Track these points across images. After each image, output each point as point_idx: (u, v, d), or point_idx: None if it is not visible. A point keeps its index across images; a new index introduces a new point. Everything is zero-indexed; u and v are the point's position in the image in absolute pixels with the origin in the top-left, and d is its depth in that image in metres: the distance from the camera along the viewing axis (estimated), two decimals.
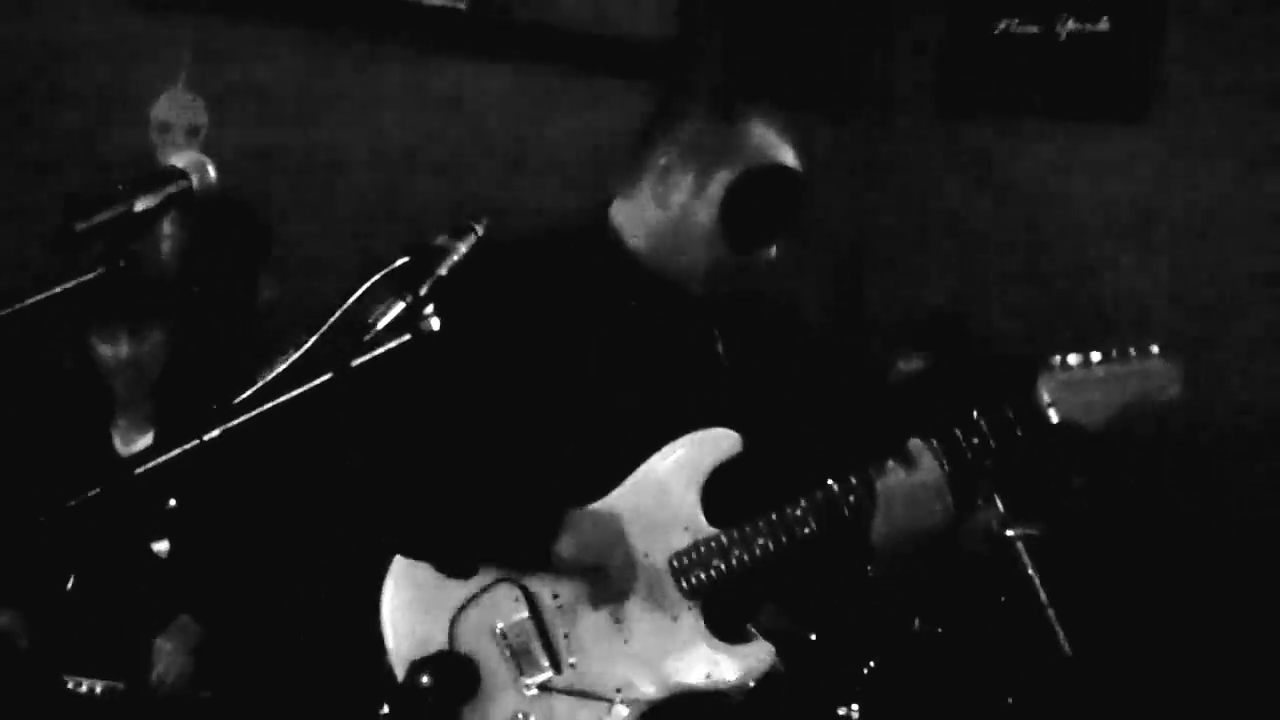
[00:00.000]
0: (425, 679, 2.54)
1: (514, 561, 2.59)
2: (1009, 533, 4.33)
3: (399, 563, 2.64)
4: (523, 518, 2.57)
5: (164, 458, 1.86)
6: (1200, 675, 5.04)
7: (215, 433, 1.88)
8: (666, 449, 2.61)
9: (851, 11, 6.20)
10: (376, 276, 2.11)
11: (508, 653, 2.58)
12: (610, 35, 5.86)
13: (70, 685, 3.84)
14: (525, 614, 2.58)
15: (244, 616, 4.06)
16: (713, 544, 2.58)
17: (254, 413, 1.92)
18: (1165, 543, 5.25)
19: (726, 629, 2.62)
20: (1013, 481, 4.33)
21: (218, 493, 3.89)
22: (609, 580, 2.57)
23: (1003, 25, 5.94)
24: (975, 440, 2.52)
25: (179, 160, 2.23)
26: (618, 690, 2.57)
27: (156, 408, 4.12)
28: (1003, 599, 4.44)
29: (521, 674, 2.58)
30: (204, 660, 3.98)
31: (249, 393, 1.94)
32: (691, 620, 2.59)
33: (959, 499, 2.56)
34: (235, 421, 1.91)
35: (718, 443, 2.62)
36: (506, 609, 2.58)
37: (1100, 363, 2.49)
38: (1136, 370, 2.49)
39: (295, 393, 1.95)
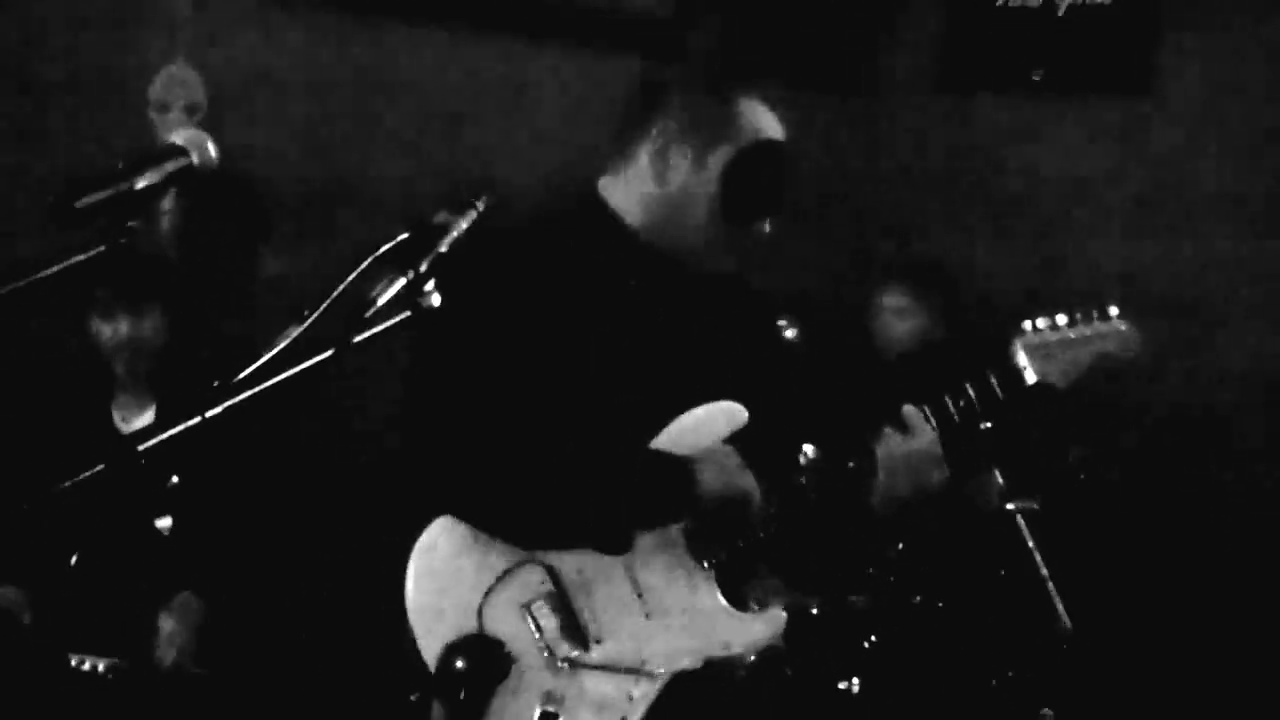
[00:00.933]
0: (460, 663, 2.53)
1: (540, 540, 2.60)
2: (1009, 506, 4.35)
3: (419, 551, 2.64)
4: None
5: (166, 435, 1.87)
6: (1198, 648, 5.06)
7: (217, 410, 1.89)
8: (676, 423, 2.64)
9: None
10: (377, 253, 2.11)
11: (536, 632, 2.59)
12: (609, 9, 5.84)
13: (74, 662, 3.85)
14: (552, 592, 2.59)
15: (245, 592, 4.07)
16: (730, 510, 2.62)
17: (256, 389, 1.92)
18: (1162, 516, 5.26)
19: (734, 598, 2.66)
20: (1011, 456, 4.34)
21: (220, 469, 3.90)
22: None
23: (1004, 0, 5.93)
24: (962, 404, 2.68)
25: (179, 138, 2.23)
26: (643, 662, 2.60)
27: (157, 385, 4.12)
28: (1002, 573, 4.45)
29: (550, 652, 2.59)
30: (206, 636, 3.99)
31: (251, 369, 1.94)
32: (708, 590, 2.63)
33: (954, 463, 2.69)
34: (237, 398, 1.91)
35: (727, 415, 2.67)
36: (533, 588, 2.60)
37: (1067, 326, 2.72)
38: (1100, 332, 2.73)
39: (297, 369, 1.95)
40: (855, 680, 4.25)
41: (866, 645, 4.29)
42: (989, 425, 4.23)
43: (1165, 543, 5.23)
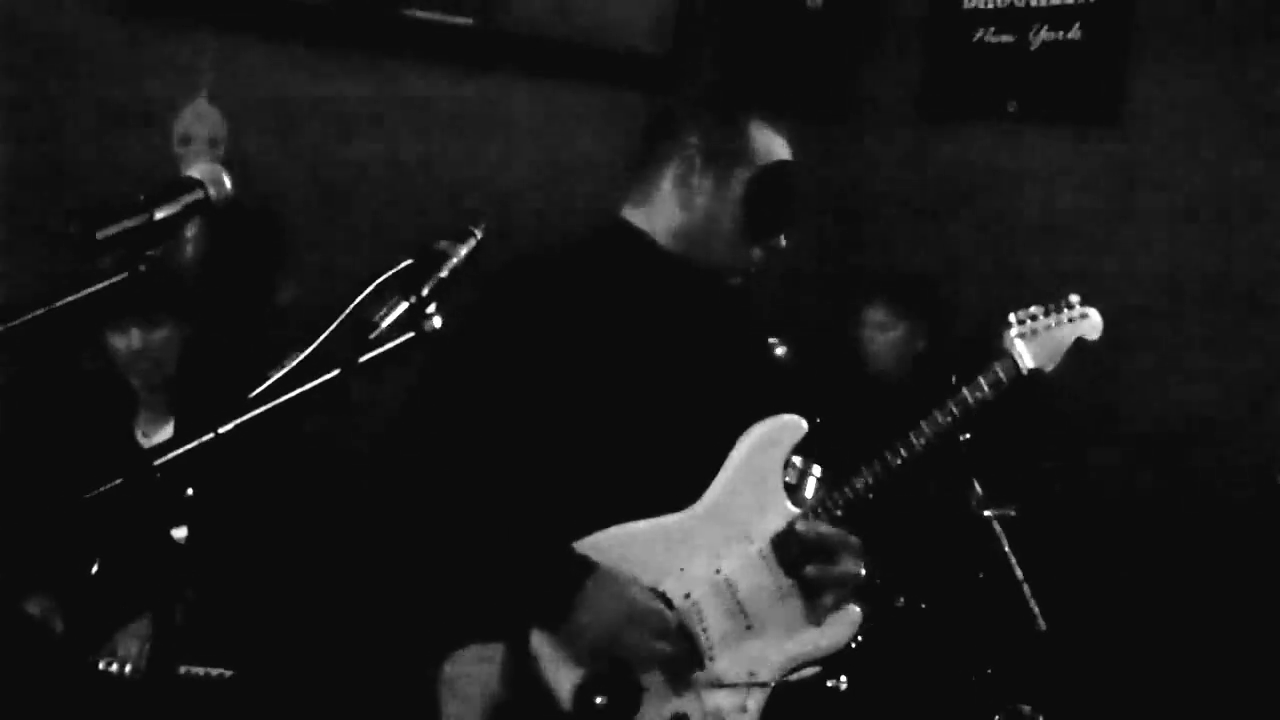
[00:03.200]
0: (599, 699, 2.50)
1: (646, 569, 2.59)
2: (986, 513, 4.35)
3: None
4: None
5: (182, 450, 1.88)
6: (1168, 645, 5.06)
7: (230, 426, 1.90)
8: (745, 440, 2.67)
9: (838, 24, 6.20)
10: (382, 278, 2.13)
11: (659, 659, 2.57)
12: (610, 49, 5.86)
13: (100, 665, 3.85)
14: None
15: (259, 598, 4.06)
16: (799, 522, 2.65)
17: (266, 407, 1.94)
18: (1129, 522, 5.27)
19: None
20: (989, 466, 4.35)
21: (233, 482, 3.89)
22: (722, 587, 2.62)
23: (979, 34, 5.95)
24: (979, 395, 2.76)
25: (196, 171, 2.25)
26: (750, 674, 2.61)
27: (175, 402, 4.11)
28: (981, 576, 4.46)
29: (673, 674, 2.58)
30: (156, 648, 3.94)
31: (262, 388, 1.96)
32: (796, 595, 2.65)
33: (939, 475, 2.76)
34: (249, 415, 1.93)
35: (790, 428, 2.70)
36: None
37: (1044, 316, 2.91)
38: (1072, 318, 2.93)
39: (305, 388, 1.97)
40: (843, 678, 4.25)
41: (853, 645, 4.29)
42: (968, 437, 4.27)
43: (1134, 547, 5.23)
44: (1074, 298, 2.97)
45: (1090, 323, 2.93)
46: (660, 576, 2.59)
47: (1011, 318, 2.90)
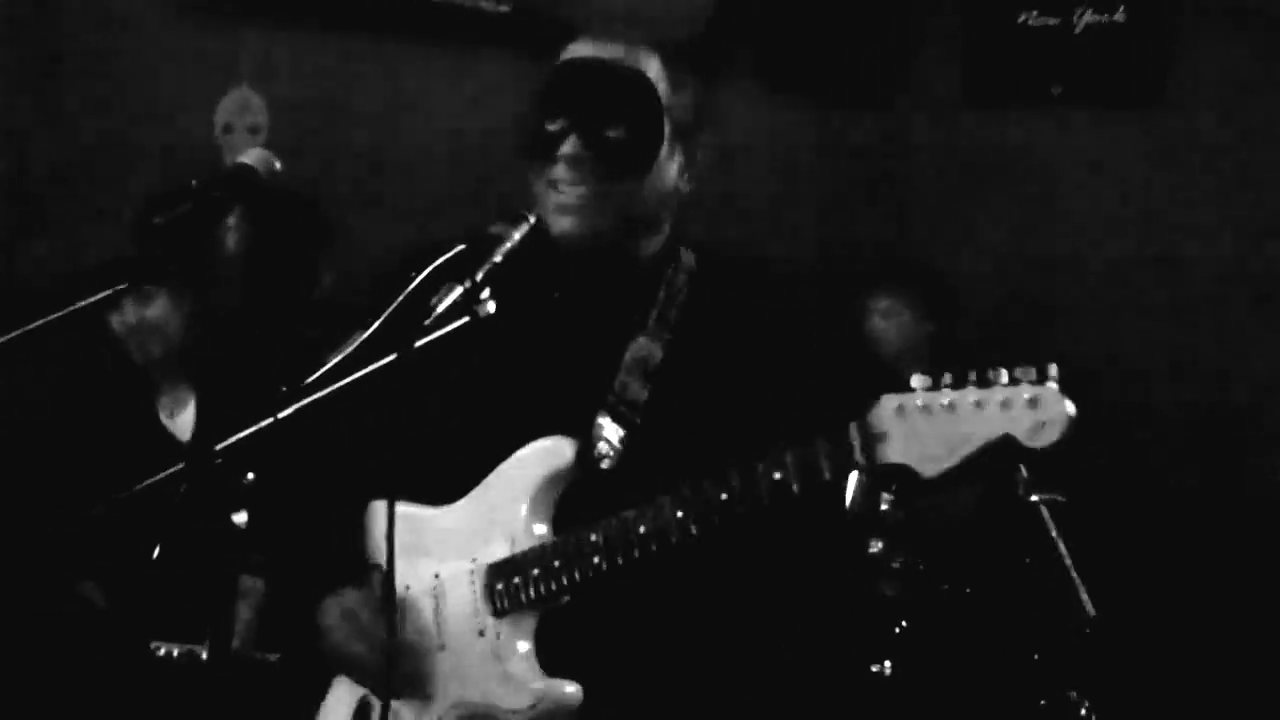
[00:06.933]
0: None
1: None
2: (1033, 498, 4.34)
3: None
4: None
5: (241, 435, 1.90)
6: (1215, 631, 5.05)
7: (289, 411, 1.92)
8: (516, 454, 2.36)
9: (879, 8, 6.18)
10: (436, 263, 2.14)
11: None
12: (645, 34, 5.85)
13: (154, 649, 3.88)
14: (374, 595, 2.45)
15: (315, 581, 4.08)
16: (531, 555, 2.30)
17: (324, 392, 1.96)
18: (1182, 507, 5.25)
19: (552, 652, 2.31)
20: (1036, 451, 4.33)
21: (292, 466, 3.91)
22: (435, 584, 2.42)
23: (1023, 18, 5.93)
24: (777, 477, 2.04)
25: (246, 157, 2.26)
26: (426, 697, 2.40)
27: (193, 379, 4.09)
28: (1028, 561, 4.44)
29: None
30: (267, 619, 3.99)
31: (319, 373, 1.97)
32: (492, 637, 2.33)
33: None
34: (307, 400, 1.95)
35: (551, 452, 2.34)
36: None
37: (953, 388, 1.94)
38: (1001, 400, 1.91)
39: (362, 372, 1.98)
40: (888, 663, 4.25)
41: (898, 630, 4.29)
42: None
43: (1183, 533, 5.22)
44: (1052, 370, 1.90)
45: (1038, 413, 1.88)
46: (405, 558, 2.25)
47: (915, 380, 1.93)
